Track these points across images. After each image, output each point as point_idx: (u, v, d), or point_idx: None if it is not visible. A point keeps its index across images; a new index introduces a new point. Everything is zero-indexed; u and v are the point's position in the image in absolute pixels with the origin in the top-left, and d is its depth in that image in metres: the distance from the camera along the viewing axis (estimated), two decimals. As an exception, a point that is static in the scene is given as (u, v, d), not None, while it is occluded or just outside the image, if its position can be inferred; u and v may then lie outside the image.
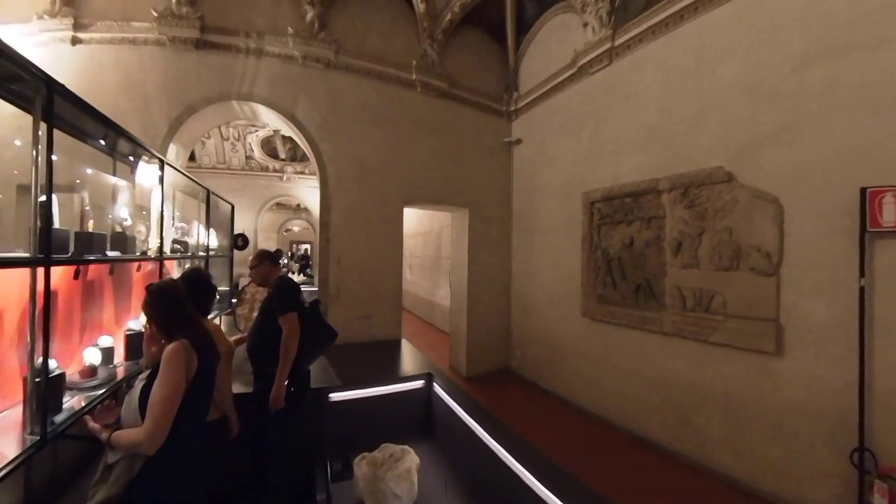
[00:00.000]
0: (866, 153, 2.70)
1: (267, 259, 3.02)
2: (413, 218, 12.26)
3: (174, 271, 4.62)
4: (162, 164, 3.31)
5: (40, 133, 1.83)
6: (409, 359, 4.85)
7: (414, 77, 5.97)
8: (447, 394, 3.45)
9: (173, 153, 5.27)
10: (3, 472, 1.52)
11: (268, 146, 11.17)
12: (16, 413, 1.88)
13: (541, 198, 6.10)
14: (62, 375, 2.07)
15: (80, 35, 4.86)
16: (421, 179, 6.10)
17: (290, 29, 5.27)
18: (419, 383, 3.83)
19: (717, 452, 3.50)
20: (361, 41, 5.75)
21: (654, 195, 4.17)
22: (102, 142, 2.94)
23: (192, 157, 10.74)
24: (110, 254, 2.60)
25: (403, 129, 5.97)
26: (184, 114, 5.03)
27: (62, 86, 1.95)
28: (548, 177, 5.96)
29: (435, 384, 3.73)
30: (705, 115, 3.72)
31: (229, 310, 5.17)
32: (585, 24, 5.10)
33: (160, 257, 3.28)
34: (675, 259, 3.90)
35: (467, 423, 2.91)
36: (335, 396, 3.46)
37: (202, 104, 5.09)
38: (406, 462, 2.61)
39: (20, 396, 1.90)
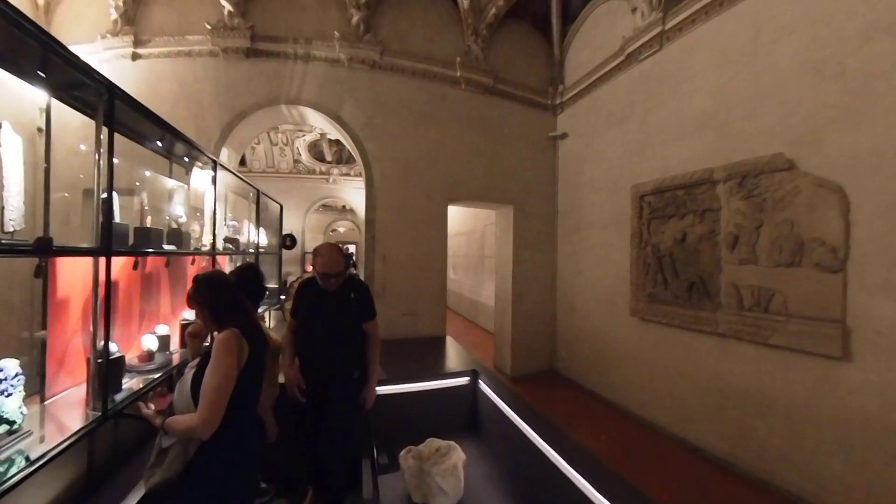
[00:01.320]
0: (950, 133, 2.48)
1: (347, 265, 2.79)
2: (456, 217, 12.38)
3: (226, 267, 5.07)
4: (215, 165, 3.61)
5: (102, 136, 2.01)
6: (454, 356, 4.94)
7: (458, 74, 6.08)
8: (493, 391, 3.48)
9: (225, 156, 5.73)
10: (68, 442, 1.68)
11: (315, 150, 11.79)
12: (80, 391, 2.10)
13: (586, 193, 6.01)
14: (122, 358, 2.30)
15: (140, 51, 5.41)
16: (465, 177, 6.19)
17: (336, 33, 5.55)
18: (464, 380, 3.89)
19: (777, 465, 3.31)
20: (405, 41, 5.94)
21: (709, 186, 4.01)
22: (159, 143, 3.23)
23: (242, 162, 11.58)
24: (166, 248, 2.85)
25: (447, 127, 6.09)
26: (235, 119, 5.47)
27: (122, 90, 2.12)
28: (594, 171, 5.86)
29: (480, 381, 3.79)
30: (763, 98, 3.53)
31: (278, 305, 5.53)
32: (634, 9, 4.98)
33: (212, 252, 3.58)
34: (732, 254, 3.73)
35: (514, 421, 2.93)
36: (381, 390, 3.47)
37: (253, 109, 5.51)
38: (452, 458, 2.65)
39: (84, 376, 2.09)
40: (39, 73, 1.93)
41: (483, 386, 3.73)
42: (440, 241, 6.19)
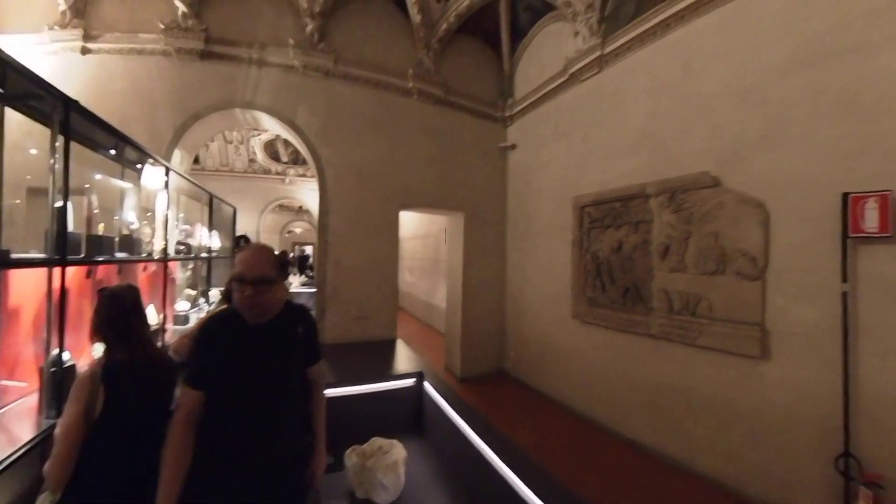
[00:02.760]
0: (850, 159, 2.63)
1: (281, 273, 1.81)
2: (412, 221, 12.21)
3: (177, 272, 4.59)
4: (167, 170, 3.46)
5: (57, 144, 1.98)
6: (403, 358, 4.78)
7: (410, 85, 5.94)
8: (437, 392, 3.42)
9: (178, 158, 5.31)
10: (21, 451, 1.63)
11: (270, 149, 11.12)
12: (33, 400, 2.02)
13: (534, 202, 6.03)
14: (73, 367, 2.15)
15: (90, 45, 4.92)
16: (417, 184, 6.05)
17: (291, 40, 5.30)
18: (410, 382, 3.78)
19: (704, 455, 3.41)
20: (360, 51, 5.74)
21: (642, 200, 4.10)
22: (113, 151, 3.06)
23: (196, 160, 10.70)
24: (119, 255, 2.75)
25: (400, 135, 5.94)
26: (189, 121, 5.08)
27: (78, 103, 2.11)
28: (541, 181, 5.89)
29: (426, 383, 3.70)
30: (692, 121, 3.65)
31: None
32: (577, 33, 5.04)
33: (164, 258, 3.39)
34: (663, 263, 3.82)
35: (454, 421, 2.89)
36: (328, 393, 3.38)
37: (207, 111, 5.13)
38: (393, 454, 2.60)
39: (37, 385, 2.02)
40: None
41: (428, 387, 3.63)
42: (392, 246, 5.98)
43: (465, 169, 6.41)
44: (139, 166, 3.40)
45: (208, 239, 5.23)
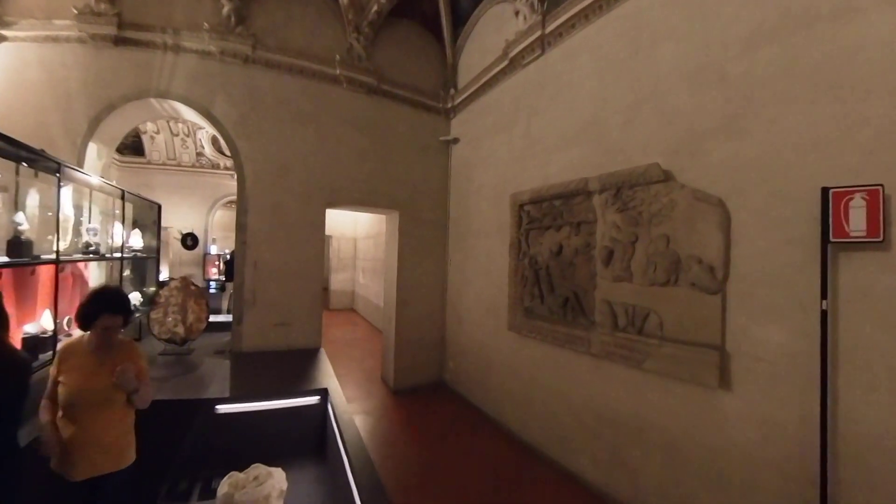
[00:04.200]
0: (829, 147, 1.99)
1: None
2: (364, 220, 11.26)
3: (89, 274, 4.07)
4: (59, 167, 2.93)
5: None
6: (319, 370, 4.04)
7: (338, 72, 5.06)
8: (333, 413, 2.99)
9: (94, 152, 4.51)
10: None
11: (218, 143, 9.80)
12: None
13: (475, 200, 5.26)
14: None
15: (5, 32, 4.22)
16: (346, 180, 5.17)
17: (206, 24, 4.47)
18: (314, 399, 3.30)
19: (652, 496, 2.73)
20: (283, 36, 4.87)
21: (584, 197, 3.40)
22: None
23: (140, 152, 9.21)
24: None
25: (328, 127, 5.06)
26: (103, 112, 4.36)
27: None
28: (482, 178, 5.13)
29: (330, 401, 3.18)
30: (641, 106, 2.97)
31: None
32: (517, 13, 4.30)
33: (57, 260, 2.91)
34: (606, 270, 3.13)
35: (339, 448, 2.56)
36: (222, 409, 3.06)
37: (121, 101, 4.38)
38: (266, 487, 2.26)
39: None
40: None
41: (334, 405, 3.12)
42: (317, 248, 5.07)
43: (401, 164, 5.56)
44: (24, 164, 2.86)
45: (122, 237, 4.21)
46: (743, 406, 2.25)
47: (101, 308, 1.92)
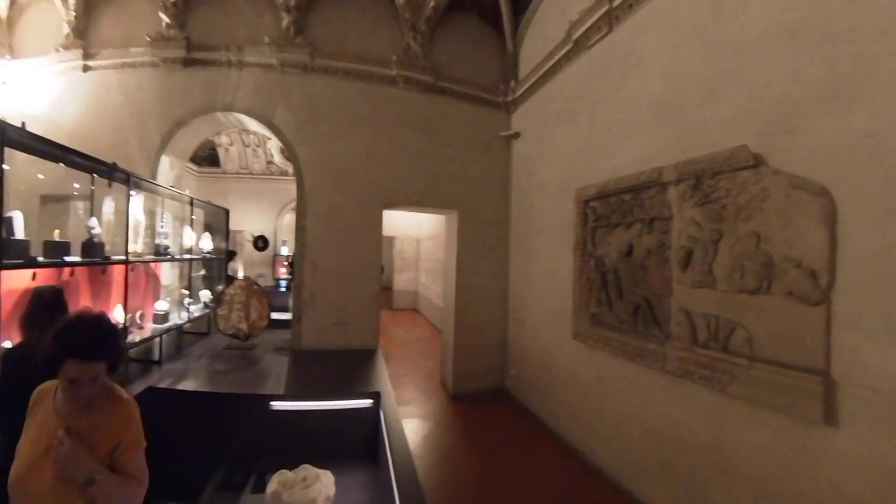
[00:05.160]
0: None
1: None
2: (427, 221, 11.58)
3: (160, 271, 4.66)
4: (128, 178, 3.42)
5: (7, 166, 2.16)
6: (373, 373, 4.21)
7: (395, 73, 5.27)
8: (384, 419, 3.07)
9: (167, 164, 5.26)
10: None
11: (286, 151, 10.94)
12: None
13: (537, 197, 5.09)
14: None
15: (90, 63, 5.10)
16: (403, 181, 5.36)
17: (266, 38, 4.97)
18: (366, 402, 3.31)
19: (738, 546, 2.40)
20: (340, 41, 5.22)
21: (658, 189, 3.09)
22: (74, 162, 3.06)
23: (216, 163, 10.65)
24: (68, 259, 2.84)
25: (385, 129, 5.29)
26: (174, 127, 5.04)
27: (14, 127, 2.29)
28: (544, 173, 4.95)
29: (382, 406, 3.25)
30: (723, 79, 2.62)
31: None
32: (582, -11, 4.10)
33: (126, 261, 3.40)
34: (684, 274, 2.81)
35: (387, 456, 2.55)
36: (277, 405, 3.19)
37: (189, 118, 5.06)
38: (313, 491, 2.31)
39: None
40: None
41: (389, 410, 3.24)
42: (374, 249, 5.33)
43: (459, 163, 5.61)
44: (99, 175, 3.39)
45: (191, 240, 4.94)
46: (853, 449, 1.86)
47: (65, 351, 1.27)
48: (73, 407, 1.35)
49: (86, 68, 5.13)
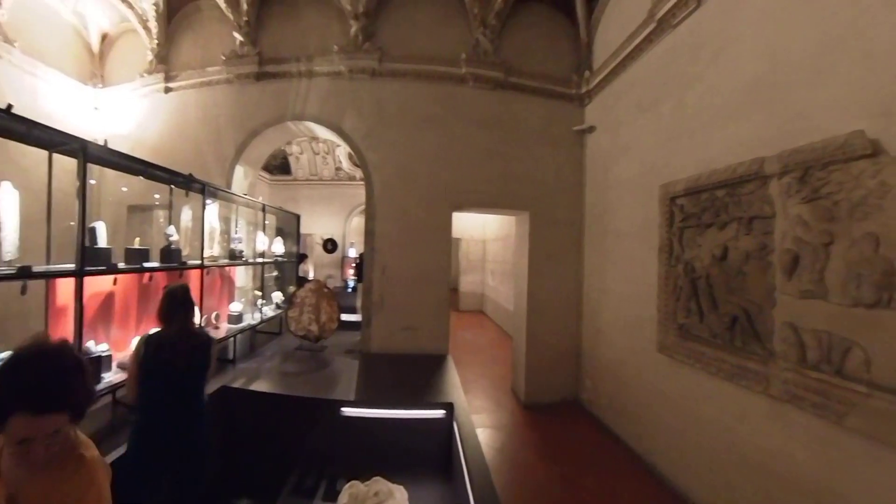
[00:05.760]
0: None
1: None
2: (493, 222, 11.61)
3: (234, 274, 5.29)
4: (203, 187, 3.85)
5: (93, 181, 2.64)
6: (445, 381, 4.28)
7: (463, 71, 5.35)
8: (458, 431, 3.00)
9: (241, 173, 5.89)
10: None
11: (354, 157, 11.70)
12: None
13: (615, 195, 4.84)
14: (99, 358, 2.79)
15: (171, 84, 5.91)
16: (473, 182, 5.42)
17: (335, 47, 5.33)
18: (439, 413, 3.31)
19: None
20: (408, 44, 5.44)
21: (758, 183, 2.77)
22: (153, 175, 3.56)
23: (287, 171, 11.77)
24: (147, 265, 3.21)
25: (453, 129, 5.40)
26: (247, 139, 5.60)
27: (95, 144, 2.62)
28: (623, 168, 4.69)
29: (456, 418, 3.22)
30: (833, 51, 2.27)
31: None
32: (664, -38, 3.81)
33: (201, 265, 3.78)
34: (789, 283, 2.49)
35: (464, 472, 2.52)
36: (347, 411, 3.29)
37: (262, 128, 5.59)
38: None
39: None
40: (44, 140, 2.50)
41: (462, 422, 3.17)
42: (443, 252, 5.46)
43: (530, 161, 5.53)
44: (191, 186, 3.92)
45: (263, 245, 5.53)
46: None
47: (11, 401, 0.96)
48: (22, 472, 1.03)
49: (167, 90, 5.91)
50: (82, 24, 6.16)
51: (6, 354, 2.05)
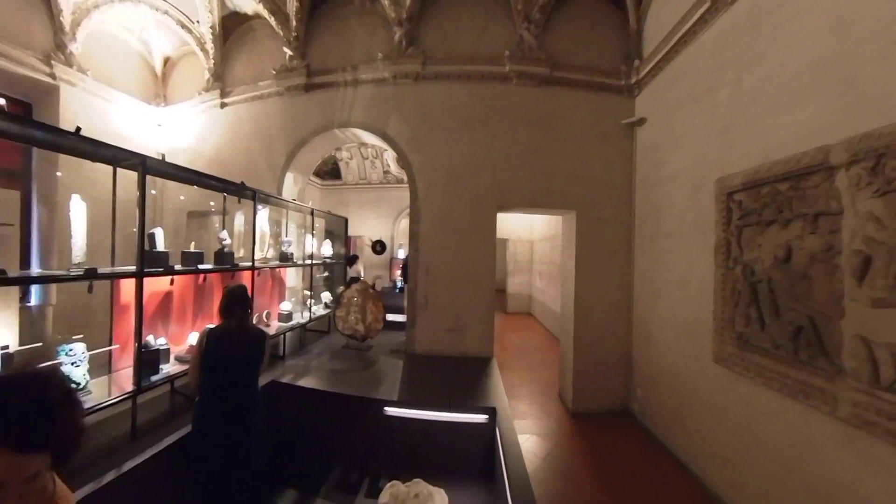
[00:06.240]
0: None
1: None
2: (540, 222, 11.29)
3: (288, 278, 5.58)
4: (254, 194, 4.10)
5: (154, 191, 3.18)
6: (489, 385, 4.24)
7: (507, 69, 5.27)
8: (500, 438, 2.98)
9: (291, 179, 6.23)
10: (105, 405, 2.47)
11: (400, 160, 11.98)
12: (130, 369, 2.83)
13: (666, 191, 4.50)
14: (158, 351, 3.09)
15: (226, 100, 6.44)
16: (517, 181, 5.32)
17: (379, 54, 5.48)
18: (481, 418, 3.28)
19: None
20: (451, 45, 5.46)
21: (824, 175, 2.44)
22: (206, 184, 3.87)
23: (337, 176, 12.29)
24: (201, 267, 3.49)
25: (497, 129, 5.34)
26: (296, 147, 5.92)
27: (153, 159, 2.86)
28: (674, 163, 4.35)
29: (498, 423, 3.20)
30: (917, 17, 1.94)
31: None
32: (717, -65, 3.48)
33: (252, 267, 4.01)
34: (860, 288, 2.16)
35: (504, 481, 2.50)
36: (391, 411, 3.34)
37: (310, 136, 5.88)
38: None
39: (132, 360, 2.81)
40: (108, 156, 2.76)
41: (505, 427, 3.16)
42: (488, 253, 5.41)
43: (577, 159, 5.32)
44: (227, 194, 4.22)
45: (312, 247, 5.83)
46: None
47: None
48: None
49: (223, 105, 6.37)
50: (147, 51, 6.89)
51: (77, 345, 2.38)
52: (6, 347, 4.28)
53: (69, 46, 5.49)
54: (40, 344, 3.04)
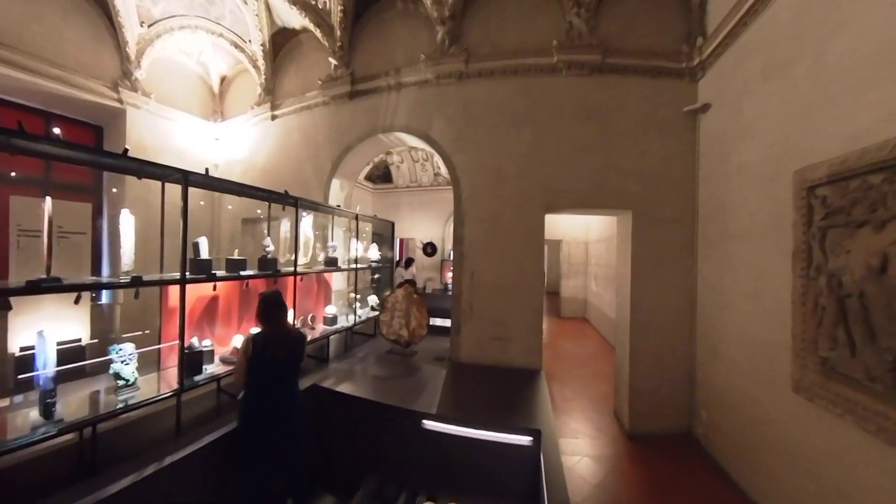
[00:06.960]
0: None
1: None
2: (596, 222, 10.57)
3: (331, 279, 5.67)
4: (296, 202, 4.25)
5: (203, 202, 3.62)
6: (535, 403, 3.97)
7: (556, 59, 4.93)
8: (544, 463, 2.78)
9: (337, 186, 6.41)
10: (148, 402, 2.68)
11: (444, 162, 11.87)
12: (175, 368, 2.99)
13: (734, 186, 3.91)
14: (201, 352, 3.23)
15: (276, 112, 6.79)
16: (567, 180, 4.96)
17: (421, 55, 5.43)
18: (525, 440, 3.03)
19: None
20: (495, 40, 5.26)
21: (932, 167, 1.92)
22: (250, 194, 4.02)
23: (388, 179, 12.46)
24: (243, 273, 3.65)
25: (545, 124, 5.04)
26: (342, 154, 6.08)
27: (195, 174, 3.03)
28: (744, 153, 3.76)
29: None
30: None
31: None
32: None
33: (294, 272, 4.19)
34: None
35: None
36: (429, 424, 3.23)
37: (355, 142, 6.00)
38: None
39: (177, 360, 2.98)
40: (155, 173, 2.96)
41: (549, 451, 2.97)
42: (536, 258, 5.13)
43: (632, 153, 4.83)
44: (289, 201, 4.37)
45: (356, 251, 5.91)
46: None
47: None
48: None
49: (273, 117, 6.67)
50: (205, 71, 7.57)
51: (126, 345, 2.74)
52: (79, 340, 4.83)
53: (134, 73, 6.20)
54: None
